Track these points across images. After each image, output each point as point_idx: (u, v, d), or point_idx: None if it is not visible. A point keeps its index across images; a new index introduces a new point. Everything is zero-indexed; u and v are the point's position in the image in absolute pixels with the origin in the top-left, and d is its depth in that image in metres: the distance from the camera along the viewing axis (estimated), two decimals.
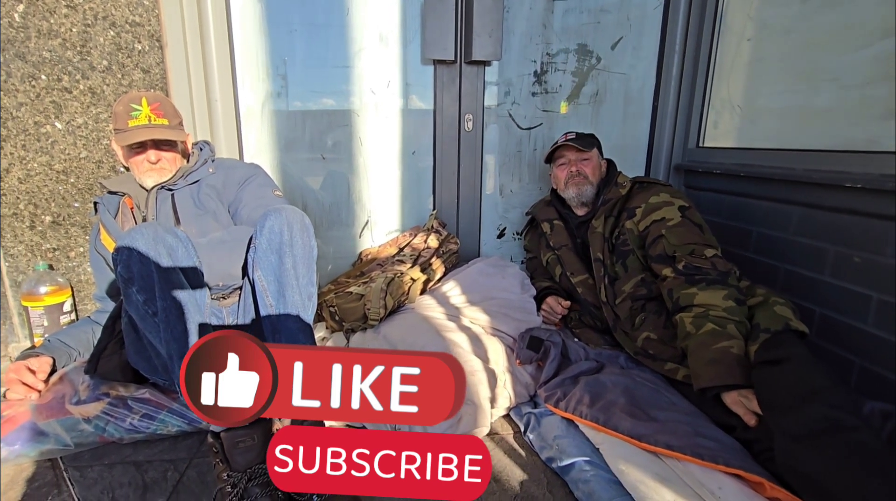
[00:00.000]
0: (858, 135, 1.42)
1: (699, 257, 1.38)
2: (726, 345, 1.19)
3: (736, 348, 1.18)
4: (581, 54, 2.03)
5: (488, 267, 1.83)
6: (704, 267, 1.34)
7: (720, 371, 1.16)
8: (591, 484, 1.05)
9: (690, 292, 1.32)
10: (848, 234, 1.37)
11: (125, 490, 1.09)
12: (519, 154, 2.10)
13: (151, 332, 1.07)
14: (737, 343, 1.19)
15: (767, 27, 1.74)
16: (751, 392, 1.11)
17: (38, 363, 1.34)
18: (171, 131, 1.37)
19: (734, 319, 1.23)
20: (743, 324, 1.24)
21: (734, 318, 1.24)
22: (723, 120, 1.96)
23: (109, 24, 1.62)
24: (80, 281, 1.77)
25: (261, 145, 1.90)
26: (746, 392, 1.12)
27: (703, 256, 1.38)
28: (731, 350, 1.17)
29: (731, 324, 1.22)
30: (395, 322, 1.58)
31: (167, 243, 1.08)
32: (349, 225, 2.04)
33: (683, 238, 1.42)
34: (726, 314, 1.24)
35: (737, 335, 1.21)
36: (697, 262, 1.36)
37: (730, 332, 1.21)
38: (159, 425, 1.24)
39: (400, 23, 1.88)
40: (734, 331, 1.21)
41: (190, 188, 1.44)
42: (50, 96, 1.62)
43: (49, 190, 1.68)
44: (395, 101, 1.96)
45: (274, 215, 1.16)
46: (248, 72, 1.82)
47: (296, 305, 1.14)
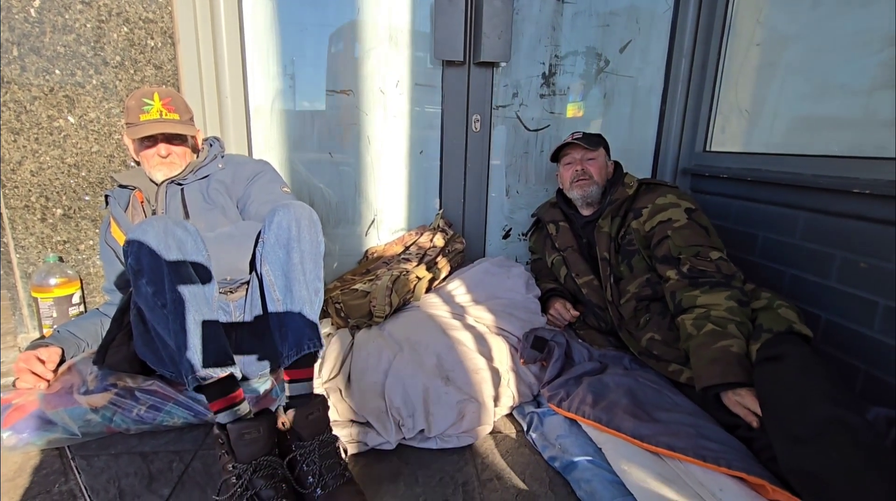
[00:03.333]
0: (866, 141, 1.42)
1: (704, 259, 1.38)
2: (726, 344, 1.18)
3: (736, 346, 1.18)
4: (589, 57, 2.04)
5: (493, 267, 1.83)
6: (709, 270, 1.34)
7: (720, 370, 1.16)
8: (593, 484, 1.05)
9: (693, 294, 1.32)
10: (854, 240, 1.36)
11: (131, 479, 1.10)
12: (526, 156, 2.11)
13: (160, 324, 1.08)
14: (737, 342, 1.19)
15: (776, 33, 1.74)
16: (751, 392, 1.11)
17: (47, 353, 1.35)
18: (181, 126, 1.39)
19: (735, 319, 1.23)
20: (744, 324, 1.23)
21: (735, 318, 1.23)
22: (730, 124, 1.96)
23: (123, 20, 1.64)
24: (89, 274, 1.79)
25: (269, 143, 1.92)
26: (745, 391, 1.12)
27: (708, 258, 1.38)
28: (731, 349, 1.17)
29: (731, 324, 1.22)
30: (401, 320, 1.59)
31: (177, 236, 1.09)
32: (356, 223, 2.05)
33: (689, 240, 1.42)
34: (727, 313, 1.24)
35: (737, 334, 1.20)
36: (702, 265, 1.36)
37: (730, 331, 1.21)
38: (165, 416, 1.26)
39: (410, 23, 1.90)
40: (734, 331, 1.21)
41: (199, 183, 1.45)
42: (63, 91, 1.64)
43: (60, 183, 1.70)
44: (403, 101, 1.97)
45: (282, 210, 1.17)
46: (259, 69, 1.84)
47: (302, 300, 1.15)
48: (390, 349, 1.44)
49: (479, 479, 1.13)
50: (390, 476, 1.14)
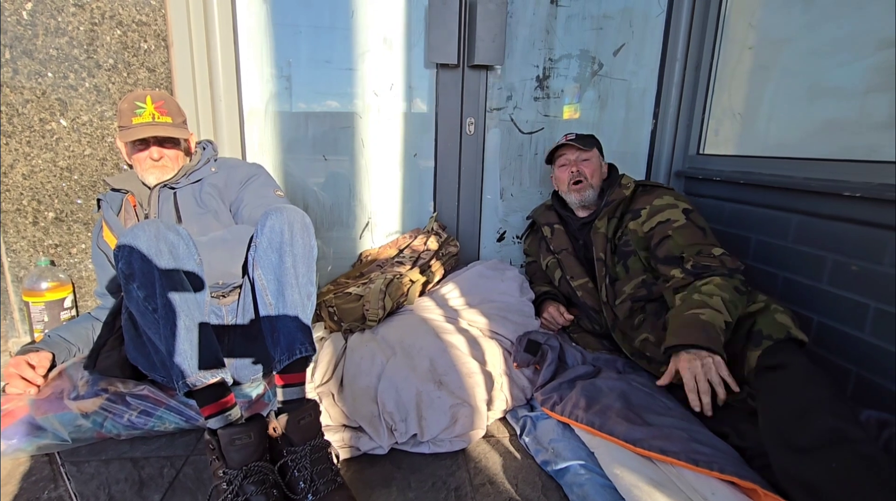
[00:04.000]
0: (858, 144, 1.42)
1: (707, 256, 1.38)
2: (698, 312, 1.19)
3: (707, 315, 1.18)
4: (583, 60, 2.04)
5: (487, 270, 1.83)
6: (713, 264, 1.34)
7: (683, 334, 1.16)
8: (586, 488, 1.05)
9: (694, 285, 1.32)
10: (846, 242, 1.37)
11: (122, 485, 1.10)
12: (520, 158, 2.11)
13: (151, 328, 1.07)
14: (711, 313, 1.18)
15: (769, 36, 1.75)
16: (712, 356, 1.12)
17: (37, 358, 1.35)
18: (174, 129, 1.38)
19: (723, 294, 1.23)
20: (733, 303, 1.23)
21: (723, 294, 1.23)
22: (723, 127, 1.96)
23: (116, 23, 1.64)
24: (81, 278, 1.78)
25: (263, 146, 1.92)
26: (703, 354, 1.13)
27: (711, 254, 1.38)
28: (701, 316, 1.17)
29: (716, 298, 1.22)
30: (394, 323, 1.59)
31: (169, 240, 1.09)
32: (349, 226, 2.05)
33: (690, 239, 1.43)
34: (716, 289, 1.24)
35: (719, 307, 1.20)
36: (706, 260, 1.36)
37: (712, 303, 1.21)
38: (157, 421, 1.25)
39: (404, 26, 1.90)
40: (717, 303, 1.21)
41: (192, 187, 1.45)
42: (56, 94, 1.63)
43: (53, 187, 1.69)
44: (397, 103, 1.97)
45: (275, 214, 1.17)
46: (253, 72, 1.84)
47: (295, 304, 1.15)
48: (383, 353, 1.44)
49: (471, 484, 1.13)
50: (382, 481, 1.13)
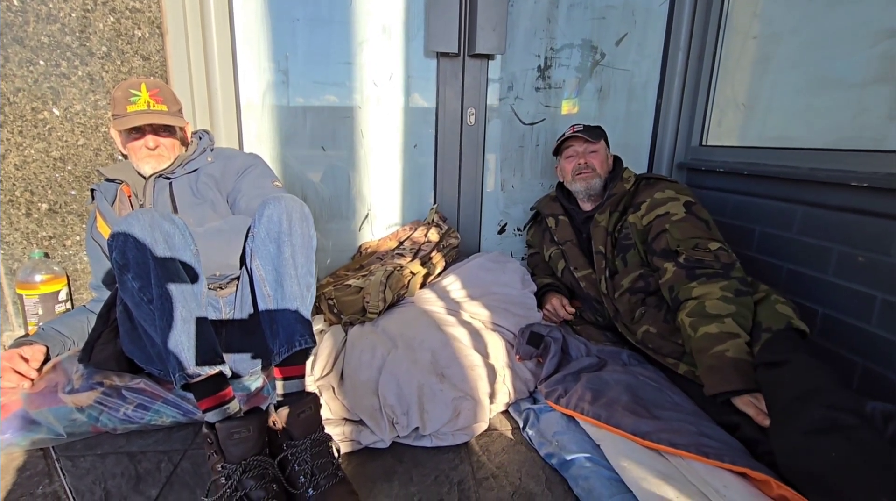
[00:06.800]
0: (863, 134, 1.41)
1: (702, 250, 1.36)
2: (721, 349, 1.17)
3: (732, 350, 1.15)
4: (585, 50, 2.01)
5: (489, 262, 1.81)
6: (706, 259, 1.33)
7: (719, 379, 1.14)
8: (591, 481, 1.03)
9: (689, 286, 1.30)
10: (852, 233, 1.35)
11: (118, 480, 1.07)
12: (521, 150, 2.09)
13: (146, 320, 1.04)
14: (733, 344, 1.16)
15: (773, 26, 1.73)
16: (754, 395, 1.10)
17: (31, 351, 1.32)
18: (169, 117, 1.36)
19: (730, 309, 1.21)
20: (742, 315, 1.21)
21: (730, 308, 1.21)
22: (727, 118, 1.95)
23: (109, 9, 1.60)
24: (75, 270, 1.75)
25: (261, 136, 1.88)
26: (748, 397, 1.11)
27: (706, 249, 1.36)
28: (727, 354, 1.15)
29: (727, 318, 1.20)
30: (394, 316, 1.57)
31: (164, 229, 1.06)
32: (349, 218, 2.02)
33: (687, 233, 1.41)
34: (722, 302, 1.22)
35: (734, 330, 1.18)
36: (699, 254, 1.35)
37: (726, 329, 1.19)
38: (153, 415, 1.23)
39: (404, 15, 1.87)
40: (731, 326, 1.19)
41: (188, 177, 1.42)
42: (48, 82, 1.60)
43: (46, 177, 1.66)
44: (397, 94, 1.94)
45: (273, 203, 1.14)
46: (250, 62, 1.80)
47: (294, 295, 1.12)
48: (384, 345, 1.42)
49: (474, 477, 1.11)
50: (384, 475, 1.12)
